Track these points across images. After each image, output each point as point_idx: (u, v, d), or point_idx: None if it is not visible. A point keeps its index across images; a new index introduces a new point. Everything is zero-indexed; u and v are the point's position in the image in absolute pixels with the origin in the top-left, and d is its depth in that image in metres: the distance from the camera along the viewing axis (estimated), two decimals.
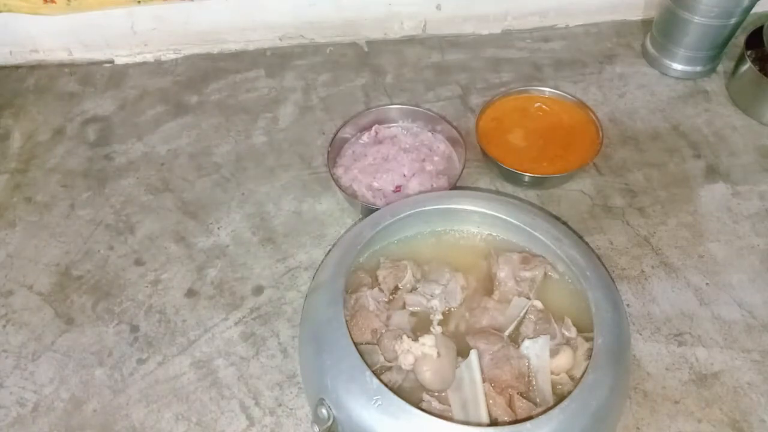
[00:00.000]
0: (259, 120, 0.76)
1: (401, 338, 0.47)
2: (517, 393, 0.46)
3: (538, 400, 0.47)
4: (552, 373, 0.48)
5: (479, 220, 0.56)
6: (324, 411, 0.44)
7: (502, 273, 0.53)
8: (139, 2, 0.77)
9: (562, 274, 0.54)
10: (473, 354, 0.47)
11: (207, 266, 0.63)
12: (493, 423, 0.45)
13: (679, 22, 0.74)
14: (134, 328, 0.59)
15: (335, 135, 0.68)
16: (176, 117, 0.77)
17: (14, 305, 0.61)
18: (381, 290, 0.52)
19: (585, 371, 0.44)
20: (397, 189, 0.65)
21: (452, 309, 0.52)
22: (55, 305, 0.61)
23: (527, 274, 0.53)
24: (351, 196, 0.64)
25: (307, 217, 0.67)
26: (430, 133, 0.70)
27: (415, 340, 0.47)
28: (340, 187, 0.65)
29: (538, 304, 0.51)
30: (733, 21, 0.72)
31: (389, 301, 0.52)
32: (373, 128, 0.70)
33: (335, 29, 0.84)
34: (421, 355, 0.46)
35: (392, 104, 0.73)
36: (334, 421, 0.44)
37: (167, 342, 0.58)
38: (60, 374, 0.57)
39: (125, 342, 0.58)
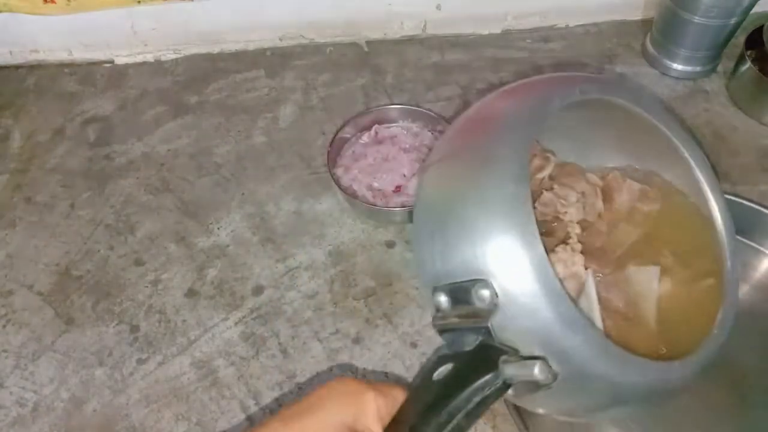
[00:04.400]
0: (259, 120, 0.76)
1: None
2: (623, 320, 0.44)
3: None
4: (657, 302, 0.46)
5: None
6: (486, 292, 0.36)
7: (621, 198, 0.50)
8: (139, 2, 0.77)
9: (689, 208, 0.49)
10: (590, 274, 0.44)
11: (207, 266, 0.63)
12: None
13: (679, 22, 0.74)
14: (134, 328, 0.59)
15: (335, 135, 0.68)
16: (176, 117, 0.77)
17: (14, 305, 0.61)
18: None
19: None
20: (397, 189, 0.65)
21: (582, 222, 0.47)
22: (55, 305, 0.61)
23: (644, 208, 0.49)
24: (351, 196, 0.64)
25: (307, 217, 0.67)
26: (430, 133, 0.70)
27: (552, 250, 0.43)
28: (340, 187, 0.65)
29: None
30: (733, 21, 0.72)
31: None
32: (373, 128, 0.70)
33: (335, 29, 0.84)
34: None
35: (392, 104, 0.73)
36: (498, 304, 0.36)
37: (167, 342, 0.58)
38: (60, 374, 0.57)
39: (125, 342, 0.58)
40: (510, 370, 0.34)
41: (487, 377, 0.34)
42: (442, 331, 0.38)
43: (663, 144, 0.48)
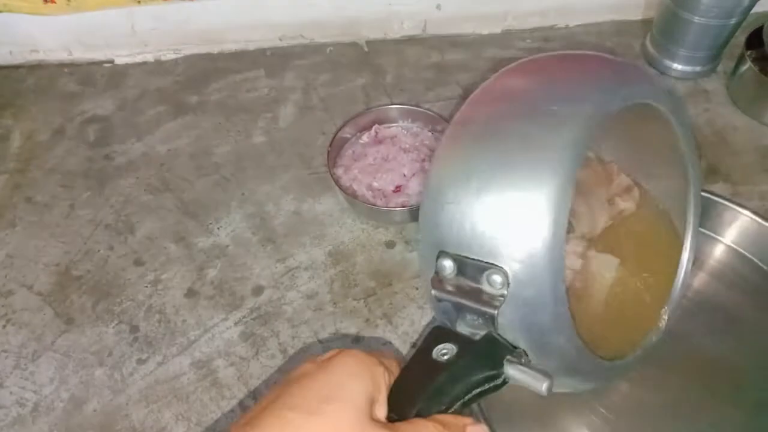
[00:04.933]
0: (259, 120, 0.76)
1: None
2: (574, 298, 0.45)
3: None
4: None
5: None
6: (499, 279, 0.36)
7: (610, 189, 0.51)
8: (139, 2, 0.77)
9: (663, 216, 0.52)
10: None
11: (207, 266, 0.63)
12: None
13: (679, 22, 0.74)
14: (134, 328, 0.59)
15: (335, 135, 0.68)
16: (176, 117, 0.77)
17: (14, 305, 0.61)
18: None
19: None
20: (397, 189, 0.65)
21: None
22: (55, 305, 0.61)
23: (622, 203, 0.51)
24: (351, 196, 0.64)
25: (307, 217, 0.67)
26: (430, 133, 0.70)
27: None
28: (340, 187, 0.65)
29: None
30: (732, 21, 0.72)
31: None
32: (373, 128, 0.70)
33: (335, 29, 0.84)
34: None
35: (392, 104, 0.73)
36: (506, 295, 0.36)
37: (167, 342, 0.58)
38: (60, 374, 0.57)
39: (125, 342, 0.58)
40: (514, 372, 0.34)
41: (491, 373, 0.34)
42: (440, 300, 0.37)
43: (670, 157, 0.49)
